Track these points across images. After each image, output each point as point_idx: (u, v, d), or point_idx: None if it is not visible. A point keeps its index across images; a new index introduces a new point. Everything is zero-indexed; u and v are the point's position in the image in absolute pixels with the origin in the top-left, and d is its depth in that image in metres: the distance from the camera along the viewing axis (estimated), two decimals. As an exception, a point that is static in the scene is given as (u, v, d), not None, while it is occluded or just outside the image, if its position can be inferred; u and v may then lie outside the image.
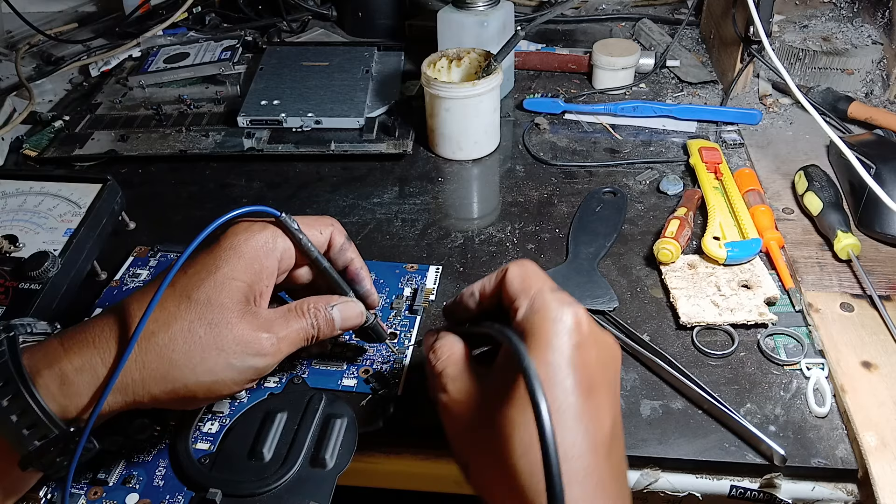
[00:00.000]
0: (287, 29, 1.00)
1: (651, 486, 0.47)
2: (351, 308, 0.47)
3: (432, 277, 0.60)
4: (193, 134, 0.78)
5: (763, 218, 0.62)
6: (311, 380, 0.51)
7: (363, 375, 0.51)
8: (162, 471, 0.46)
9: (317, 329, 0.45)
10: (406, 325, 0.56)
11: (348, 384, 0.51)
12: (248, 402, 0.50)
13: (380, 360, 0.53)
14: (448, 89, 0.70)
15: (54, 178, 0.65)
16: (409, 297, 0.58)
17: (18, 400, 0.38)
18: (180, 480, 0.46)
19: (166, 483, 0.46)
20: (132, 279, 0.60)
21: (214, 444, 0.47)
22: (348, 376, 0.51)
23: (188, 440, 0.47)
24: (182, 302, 0.41)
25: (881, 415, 0.47)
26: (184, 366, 0.40)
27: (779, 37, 0.83)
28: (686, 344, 0.54)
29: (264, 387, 0.51)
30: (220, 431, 0.48)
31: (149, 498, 0.45)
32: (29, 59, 0.97)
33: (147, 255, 0.62)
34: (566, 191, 0.70)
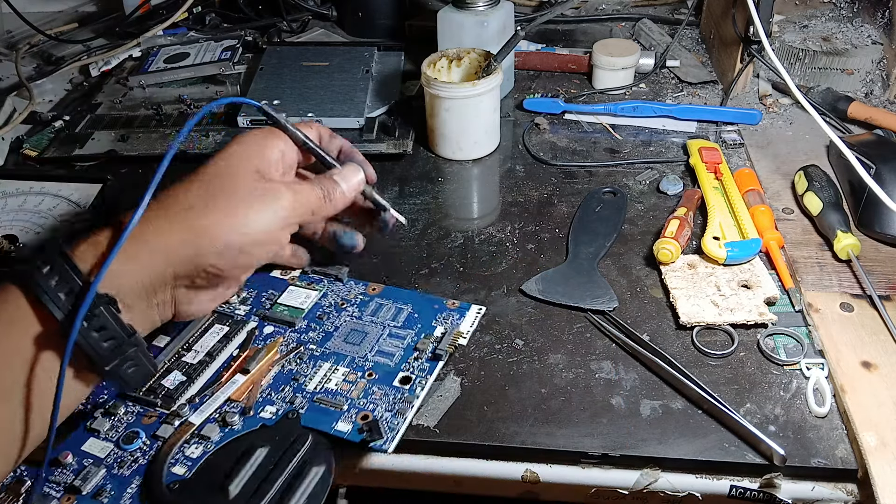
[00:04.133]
0: (287, 29, 1.00)
1: (651, 486, 0.47)
2: (349, 170, 0.52)
3: (470, 319, 0.54)
4: (193, 134, 0.78)
5: (763, 218, 0.62)
6: (307, 416, 0.48)
7: (360, 421, 0.47)
8: (133, 490, 0.45)
9: (325, 192, 0.50)
10: (425, 370, 0.51)
11: (341, 429, 0.47)
12: (239, 430, 0.48)
13: (384, 407, 0.48)
14: (448, 89, 0.70)
15: (54, 178, 0.65)
16: (438, 338, 0.53)
17: (56, 265, 0.41)
18: (143, 502, 0.44)
19: (132, 499, 0.45)
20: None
21: (191, 470, 0.45)
22: (345, 419, 0.47)
23: (165, 462, 0.46)
24: (199, 177, 0.47)
25: (881, 415, 0.47)
26: (208, 225, 0.45)
27: (779, 37, 0.83)
28: (686, 344, 0.54)
29: (259, 416, 0.48)
30: (200, 457, 0.46)
31: None
32: (29, 59, 0.97)
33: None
34: (566, 191, 0.70)
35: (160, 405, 0.50)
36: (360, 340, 0.53)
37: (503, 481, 0.49)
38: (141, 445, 0.47)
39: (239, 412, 0.48)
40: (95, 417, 0.49)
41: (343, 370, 0.51)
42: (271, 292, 0.58)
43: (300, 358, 0.52)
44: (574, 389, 0.51)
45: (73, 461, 0.47)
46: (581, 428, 0.48)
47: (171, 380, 0.51)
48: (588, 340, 0.55)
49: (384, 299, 0.56)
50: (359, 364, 0.51)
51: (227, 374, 0.51)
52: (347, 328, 0.54)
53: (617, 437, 0.48)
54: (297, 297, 0.57)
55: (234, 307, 0.56)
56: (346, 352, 0.52)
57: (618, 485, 0.48)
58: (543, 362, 0.53)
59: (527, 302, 0.58)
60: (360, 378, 0.50)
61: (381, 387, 0.50)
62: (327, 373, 0.51)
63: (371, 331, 0.54)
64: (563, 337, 0.55)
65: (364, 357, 0.52)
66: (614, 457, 0.47)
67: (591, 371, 0.52)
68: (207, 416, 0.49)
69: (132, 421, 0.49)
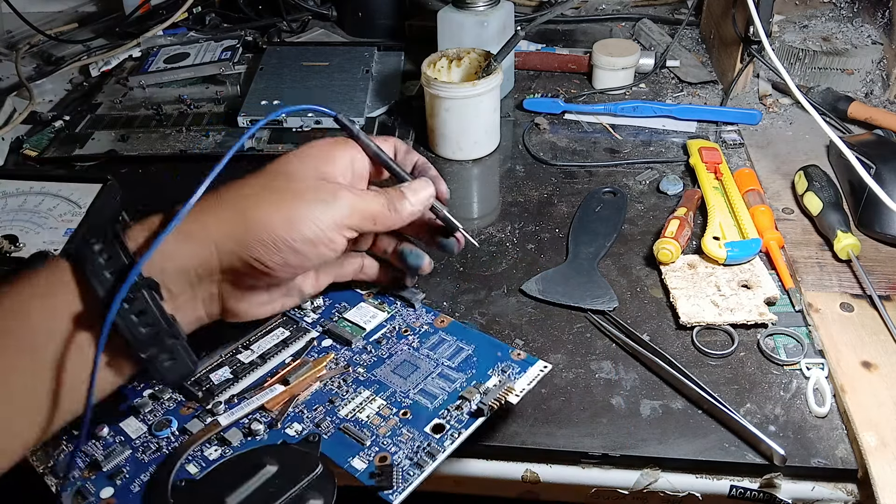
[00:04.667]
0: (287, 29, 1.00)
1: (651, 486, 0.47)
2: (419, 184, 0.50)
3: (531, 376, 0.47)
4: (193, 134, 0.78)
5: (763, 218, 0.62)
6: (328, 443, 0.45)
7: (377, 463, 0.44)
8: (146, 477, 0.45)
9: (389, 202, 0.48)
10: (462, 423, 0.45)
11: (356, 465, 0.44)
12: (262, 441, 0.47)
13: (407, 453, 0.44)
14: (448, 89, 0.70)
15: (54, 178, 0.65)
16: (487, 391, 0.47)
17: (108, 242, 0.41)
18: (147, 493, 0.44)
19: (140, 492, 0.44)
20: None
21: (202, 472, 0.45)
22: (363, 457, 0.44)
23: (181, 457, 0.46)
24: (263, 171, 0.46)
25: (881, 415, 0.47)
26: (260, 216, 0.43)
27: (779, 37, 0.83)
28: (686, 344, 0.54)
29: (284, 431, 0.47)
30: (216, 461, 0.45)
31: (118, 500, 0.44)
32: (29, 59, 0.97)
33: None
34: (566, 191, 0.70)
35: (200, 398, 0.49)
36: (408, 374, 0.49)
37: (503, 481, 0.49)
38: (169, 435, 0.47)
39: (266, 423, 0.47)
40: (143, 397, 0.50)
41: (380, 402, 0.48)
42: (343, 305, 0.55)
43: (344, 380, 0.50)
44: (574, 389, 0.51)
45: (107, 435, 0.48)
46: (581, 428, 0.48)
47: (219, 375, 0.50)
48: (588, 340, 0.55)
49: (448, 335, 0.52)
50: (398, 399, 0.48)
51: (271, 380, 0.50)
52: (401, 358, 0.51)
53: (617, 437, 0.48)
54: (364, 314, 0.54)
55: (304, 313, 0.55)
56: (390, 383, 0.49)
57: (618, 485, 0.48)
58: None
59: (527, 302, 0.58)
60: (394, 415, 0.47)
61: (412, 430, 0.45)
62: (364, 402, 0.48)
63: (423, 366, 0.50)
64: (563, 337, 0.55)
65: (406, 393, 0.48)
66: (614, 457, 0.47)
67: (591, 371, 0.52)
68: (236, 419, 0.48)
69: (171, 408, 0.49)
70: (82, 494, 0.45)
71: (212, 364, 0.51)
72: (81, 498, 0.45)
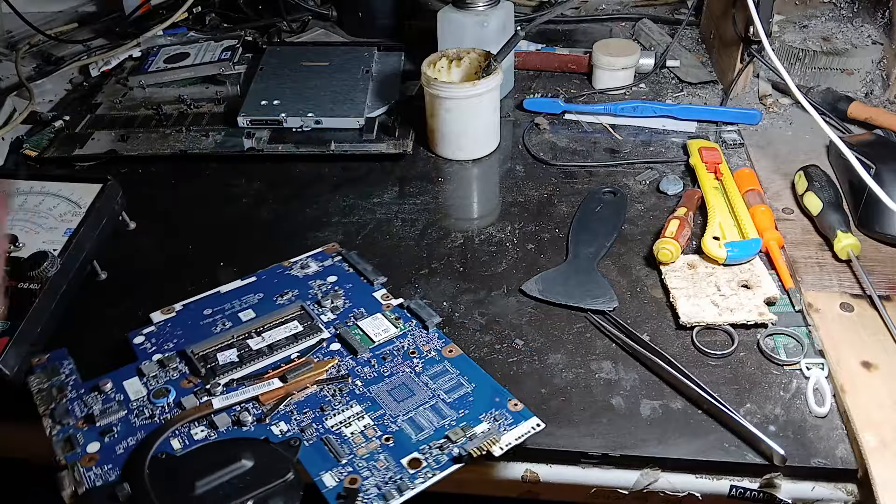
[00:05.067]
0: (287, 29, 1.00)
1: (651, 486, 0.47)
2: None
3: (520, 431, 0.46)
4: (193, 134, 0.78)
5: (763, 218, 0.62)
6: (306, 451, 0.45)
7: (346, 483, 0.43)
8: (132, 442, 0.46)
9: None
10: (439, 464, 0.44)
11: (325, 481, 0.43)
12: (246, 432, 0.47)
13: (377, 480, 0.43)
14: (448, 89, 0.70)
15: (54, 178, 0.65)
16: (472, 436, 0.45)
17: None
18: (129, 458, 0.45)
19: (123, 454, 0.45)
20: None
21: (184, 449, 0.46)
22: (335, 474, 0.44)
23: (167, 430, 0.46)
24: None
25: (881, 415, 0.47)
26: None
27: (779, 37, 0.83)
28: (686, 344, 0.54)
29: (269, 428, 0.47)
30: (200, 441, 0.46)
31: (101, 456, 0.45)
32: (29, 59, 0.97)
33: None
34: (566, 191, 0.70)
35: (203, 375, 0.50)
36: (403, 398, 0.48)
37: (503, 481, 0.49)
38: (164, 405, 0.48)
39: (256, 416, 0.47)
40: (151, 361, 0.51)
41: (368, 421, 0.47)
42: (361, 311, 0.55)
43: (340, 389, 0.49)
44: (574, 389, 0.51)
45: (109, 391, 0.49)
46: (581, 428, 0.48)
47: (226, 356, 0.51)
48: (588, 340, 0.55)
49: (453, 367, 0.50)
50: (385, 423, 0.47)
51: (272, 373, 0.50)
52: (400, 380, 0.50)
53: (617, 437, 0.48)
54: (377, 326, 0.54)
55: (323, 311, 0.55)
56: (383, 403, 0.48)
57: (618, 485, 0.48)
58: (543, 362, 0.53)
59: (527, 302, 0.58)
60: (377, 437, 0.46)
61: (389, 458, 0.45)
62: (352, 417, 0.47)
63: (419, 393, 0.49)
64: (563, 337, 0.55)
65: (395, 418, 0.47)
66: (614, 457, 0.47)
67: (591, 371, 0.52)
68: (229, 405, 0.48)
69: (174, 378, 0.50)
70: (71, 443, 0.46)
71: (223, 343, 0.52)
72: (69, 446, 0.46)
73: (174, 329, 0.54)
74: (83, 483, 0.43)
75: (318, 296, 0.57)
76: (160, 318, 0.55)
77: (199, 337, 0.53)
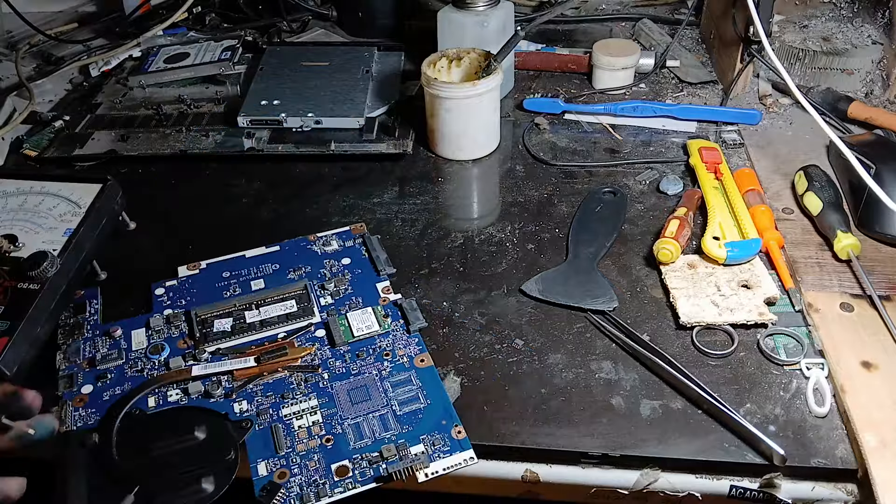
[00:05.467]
0: (287, 29, 1.00)
1: (651, 486, 0.47)
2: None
3: (452, 462, 0.45)
4: (193, 134, 0.78)
5: (763, 218, 0.62)
6: (254, 436, 0.46)
7: (276, 476, 0.44)
8: (116, 392, 0.50)
9: None
10: (359, 480, 0.44)
11: (259, 470, 0.45)
12: (211, 404, 0.49)
13: (303, 480, 0.44)
14: (448, 89, 0.70)
15: (54, 178, 0.65)
16: (404, 457, 0.45)
17: None
18: (110, 407, 0.48)
19: (107, 402, 0.49)
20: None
21: (157, 408, 0.48)
22: (270, 465, 0.45)
23: (148, 388, 0.49)
24: None
25: (881, 415, 0.47)
26: None
27: (779, 37, 0.83)
28: (686, 344, 0.54)
29: (233, 405, 0.48)
30: (173, 404, 0.49)
31: (90, 399, 0.49)
32: (29, 59, 0.97)
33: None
34: (566, 191, 0.70)
35: (196, 339, 0.53)
36: (358, 401, 0.49)
37: (503, 481, 0.49)
38: (156, 361, 0.52)
39: (225, 391, 0.49)
40: (160, 316, 0.54)
41: (318, 417, 0.48)
42: (358, 300, 0.56)
43: (306, 380, 0.50)
44: (574, 389, 0.51)
45: (118, 337, 0.53)
46: (581, 428, 0.48)
47: (221, 324, 0.54)
48: (588, 340, 0.55)
49: (417, 378, 0.50)
50: (333, 423, 0.48)
51: (252, 349, 0.52)
52: (363, 381, 0.50)
53: (617, 437, 0.48)
54: (364, 320, 0.54)
55: (324, 294, 0.56)
56: (338, 402, 0.49)
57: (618, 485, 0.48)
58: (543, 362, 0.53)
59: (527, 302, 0.58)
60: (320, 437, 0.47)
61: (321, 460, 0.45)
62: (306, 410, 0.48)
63: (375, 399, 0.49)
64: (563, 337, 0.55)
65: (344, 420, 0.48)
66: (614, 457, 0.47)
67: (591, 371, 0.52)
68: (206, 374, 0.50)
69: (174, 336, 0.53)
70: (72, 381, 0.50)
71: (223, 311, 0.55)
72: (70, 383, 0.50)
73: (192, 287, 0.58)
74: (66, 422, 0.47)
75: (326, 277, 0.58)
76: (185, 273, 0.59)
77: (209, 299, 0.57)
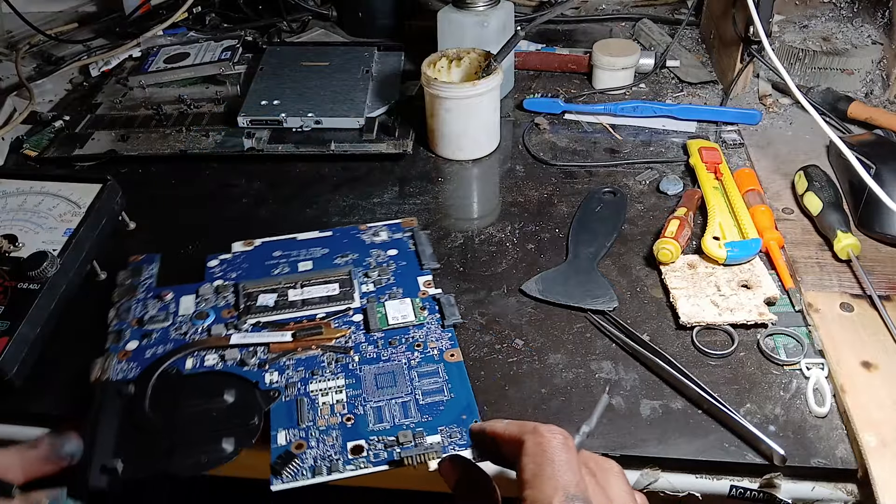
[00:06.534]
0: (287, 29, 1.00)
1: (651, 486, 0.47)
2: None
3: (467, 455, 0.45)
4: (193, 134, 0.78)
5: (763, 218, 0.62)
6: (279, 406, 0.48)
7: (293, 447, 0.45)
8: (158, 351, 0.51)
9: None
10: (372, 461, 0.45)
11: (279, 439, 0.46)
12: (245, 373, 0.50)
13: (318, 453, 0.45)
14: (448, 89, 0.70)
15: (54, 178, 0.65)
16: (417, 445, 0.45)
17: None
18: (149, 365, 0.50)
19: (149, 359, 0.51)
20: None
21: (193, 370, 0.50)
22: (289, 434, 0.46)
23: (187, 350, 0.51)
24: None
25: (881, 415, 0.47)
26: None
27: (779, 37, 0.83)
28: (686, 344, 0.54)
29: (265, 374, 0.50)
30: (209, 367, 0.50)
31: (133, 355, 0.51)
32: (29, 59, 0.97)
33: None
34: (566, 191, 0.70)
35: (240, 310, 0.54)
36: (384, 385, 0.49)
37: (503, 481, 0.49)
38: (200, 327, 0.53)
39: (259, 361, 0.51)
40: (209, 286, 0.57)
41: (342, 397, 0.48)
42: (399, 290, 0.56)
43: (337, 360, 0.51)
44: (574, 389, 0.51)
45: (168, 301, 0.55)
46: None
47: (266, 299, 0.55)
48: (588, 340, 0.55)
49: (445, 371, 0.50)
50: (356, 403, 0.48)
51: (290, 326, 0.53)
52: (392, 367, 0.50)
53: (617, 437, 0.48)
54: (402, 309, 0.54)
55: (366, 281, 0.57)
56: (364, 385, 0.49)
57: (618, 485, 0.48)
58: (543, 362, 0.53)
59: (527, 302, 0.58)
60: (341, 415, 0.47)
61: (339, 437, 0.46)
62: (332, 388, 0.49)
63: (400, 386, 0.49)
64: (563, 337, 0.55)
65: (367, 402, 0.48)
66: (614, 457, 0.47)
67: (591, 371, 0.52)
68: (244, 343, 0.52)
69: (219, 305, 0.55)
70: (119, 336, 0.53)
71: (269, 287, 0.56)
72: (117, 338, 0.53)
73: (244, 262, 0.60)
74: (108, 372, 0.50)
75: (371, 265, 0.59)
76: (239, 248, 0.61)
77: (258, 274, 0.58)
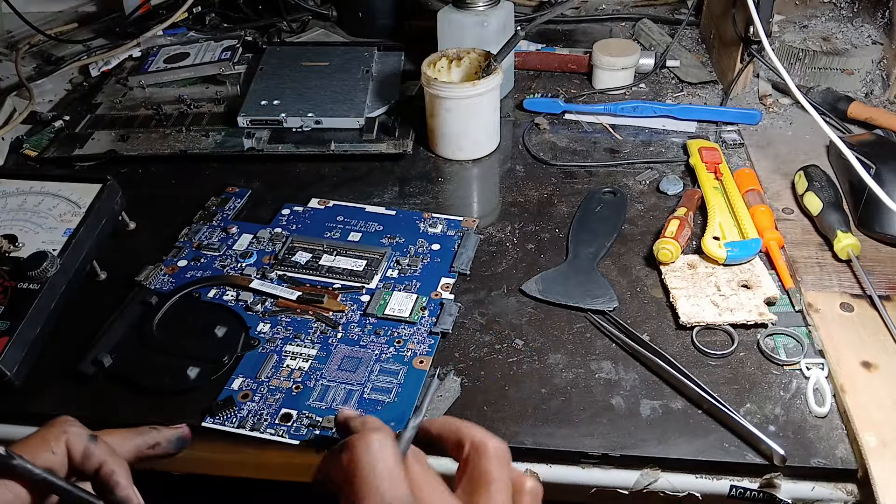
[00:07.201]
0: (287, 29, 1.00)
1: (651, 486, 0.47)
2: None
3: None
4: (193, 134, 0.78)
5: (763, 218, 0.62)
6: (255, 354, 0.53)
7: (239, 396, 0.49)
8: (196, 275, 0.59)
9: None
10: (291, 431, 0.47)
11: (234, 384, 0.50)
12: (249, 317, 0.55)
13: (254, 408, 0.49)
14: (448, 89, 0.70)
15: (54, 178, 0.65)
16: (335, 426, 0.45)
17: None
18: (181, 285, 0.58)
19: (186, 279, 0.58)
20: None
21: (214, 300, 0.57)
22: (244, 385, 0.50)
23: (210, 282, 0.58)
24: None
25: (881, 415, 0.47)
26: None
27: (779, 37, 0.83)
28: (686, 344, 0.54)
29: (259, 323, 0.55)
30: (222, 301, 0.57)
31: (178, 271, 0.59)
32: (29, 59, 0.97)
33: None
34: (566, 191, 0.70)
35: (276, 262, 0.60)
36: (345, 369, 0.52)
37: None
38: (240, 265, 0.60)
39: (262, 311, 0.56)
40: (267, 231, 0.63)
41: (304, 366, 0.52)
42: (416, 284, 0.58)
43: (322, 330, 0.54)
44: (574, 389, 0.51)
45: (232, 234, 0.62)
46: (581, 428, 0.48)
47: (301, 257, 0.60)
48: (588, 340, 0.55)
49: (405, 375, 0.51)
50: (312, 376, 0.51)
51: (304, 287, 0.57)
52: (362, 354, 0.52)
53: (617, 437, 0.48)
54: (402, 304, 0.56)
55: (394, 268, 0.59)
56: (330, 362, 0.52)
57: (618, 485, 0.48)
58: (543, 362, 0.53)
59: (527, 302, 0.58)
60: (293, 381, 0.51)
61: (278, 402, 0.49)
62: (301, 354, 0.53)
63: (357, 374, 0.51)
64: (563, 337, 0.55)
65: (320, 376, 0.51)
66: (614, 457, 0.47)
67: (591, 371, 0.52)
68: (259, 290, 0.57)
69: (266, 250, 0.61)
70: (178, 252, 0.61)
71: (312, 246, 0.61)
72: (175, 254, 0.61)
73: (309, 218, 0.65)
74: (150, 279, 0.59)
75: (410, 253, 0.61)
76: (314, 204, 0.67)
77: (313, 233, 0.63)
